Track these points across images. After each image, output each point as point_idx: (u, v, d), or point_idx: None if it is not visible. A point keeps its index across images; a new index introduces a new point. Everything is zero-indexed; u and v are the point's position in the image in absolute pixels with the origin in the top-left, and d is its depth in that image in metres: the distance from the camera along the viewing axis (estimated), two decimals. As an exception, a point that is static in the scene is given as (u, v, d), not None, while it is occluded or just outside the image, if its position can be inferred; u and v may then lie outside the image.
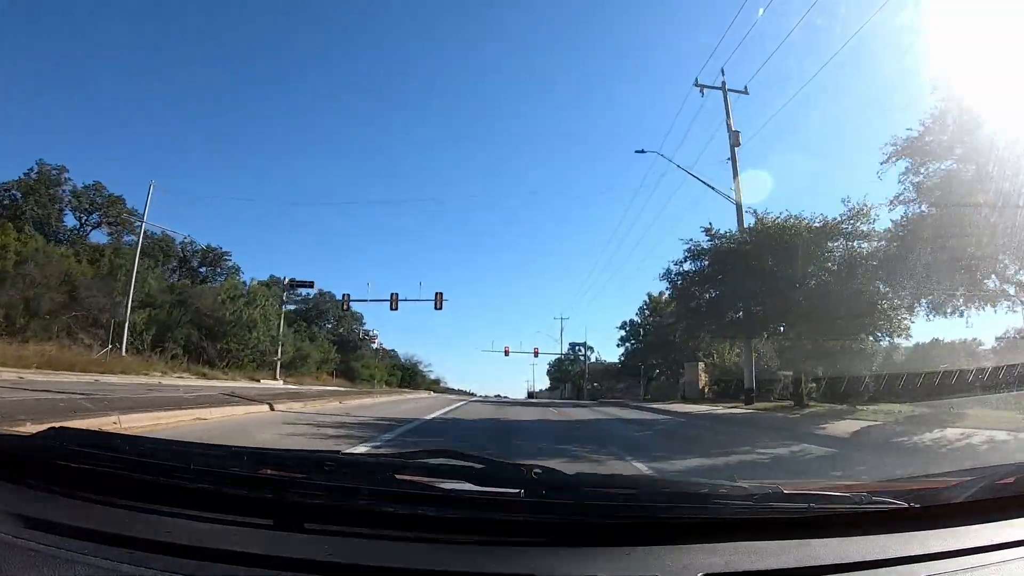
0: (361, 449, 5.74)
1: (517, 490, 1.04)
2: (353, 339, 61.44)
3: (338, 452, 1.28)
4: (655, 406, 20.76)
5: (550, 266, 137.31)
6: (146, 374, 24.18)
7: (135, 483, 1.05)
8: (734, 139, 20.31)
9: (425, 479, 1.08)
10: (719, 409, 16.50)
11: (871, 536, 1.05)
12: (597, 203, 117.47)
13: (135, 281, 25.63)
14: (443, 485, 1.05)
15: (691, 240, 15.59)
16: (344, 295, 38.77)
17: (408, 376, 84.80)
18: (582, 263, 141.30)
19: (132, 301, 25.93)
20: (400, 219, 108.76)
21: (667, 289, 16.71)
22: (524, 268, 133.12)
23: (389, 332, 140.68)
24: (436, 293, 33.94)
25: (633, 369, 50.78)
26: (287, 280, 37.84)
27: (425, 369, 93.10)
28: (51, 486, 1.07)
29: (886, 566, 0.96)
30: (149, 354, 27.13)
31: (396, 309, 34.72)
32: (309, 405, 12.10)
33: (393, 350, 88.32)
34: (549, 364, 78.08)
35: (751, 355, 17.35)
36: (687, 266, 15.81)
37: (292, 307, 64.14)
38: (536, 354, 60.20)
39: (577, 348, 67.55)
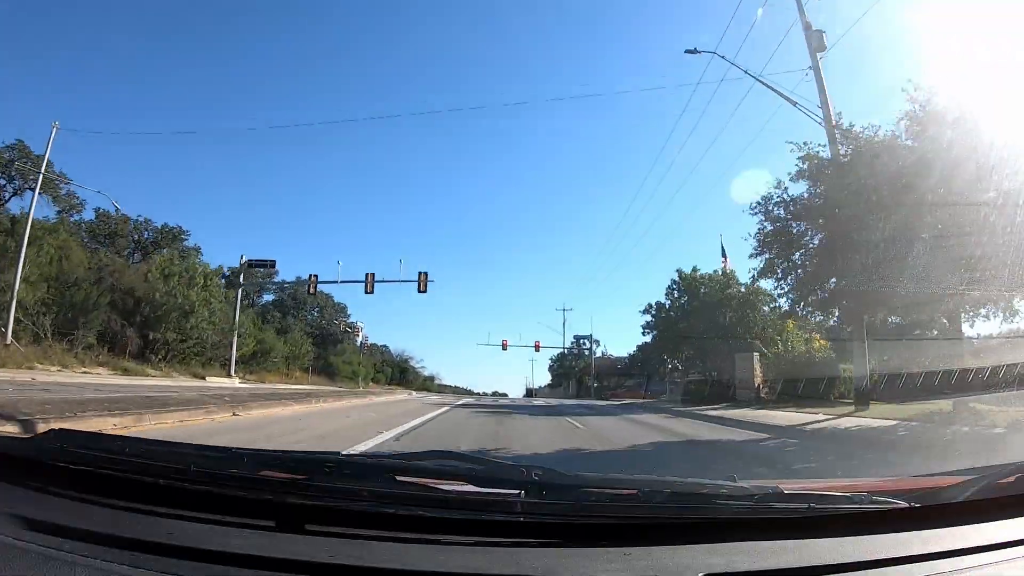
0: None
1: (517, 491, 1.09)
2: (334, 332, 55.25)
3: (338, 453, 1.37)
4: (712, 412, 16.86)
5: (553, 252, 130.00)
6: (30, 368, 18.05)
7: (136, 485, 1.11)
8: (816, 41, 14.09)
9: (425, 480, 1.13)
10: (828, 418, 12.42)
11: (871, 536, 1.09)
12: (608, 180, 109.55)
13: (26, 253, 19.19)
14: (443, 487, 1.11)
15: (806, 145, 9.30)
16: (311, 275, 33.12)
17: (398, 373, 79.30)
18: (589, 248, 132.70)
19: (36, 280, 19.41)
20: (386, 200, 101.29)
21: (755, 234, 10.44)
22: (524, 254, 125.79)
23: (382, 328, 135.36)
24: (420, 273, 29.16)
25: (652, 363, 44.71)
26: (244, 260, 31.55)
27: (418, 366, 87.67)
28: (52, 488, 1.13)
29: (887, 566, 1.01)
30: (50, 343, 20.55)
31: (371, 292, 29.83)
32: (151, 421, 7.85)
33: (385, 346, 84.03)
34: (551, 359, 72.76)
35: (864, 335, 11.28)
36: (797, 189, 9.53)
37: (271, 297, 57.93)
38: (537, 348, 55.70)
39: (582, 341, 62.05)
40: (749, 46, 24.64)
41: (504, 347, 59.22)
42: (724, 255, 43.08)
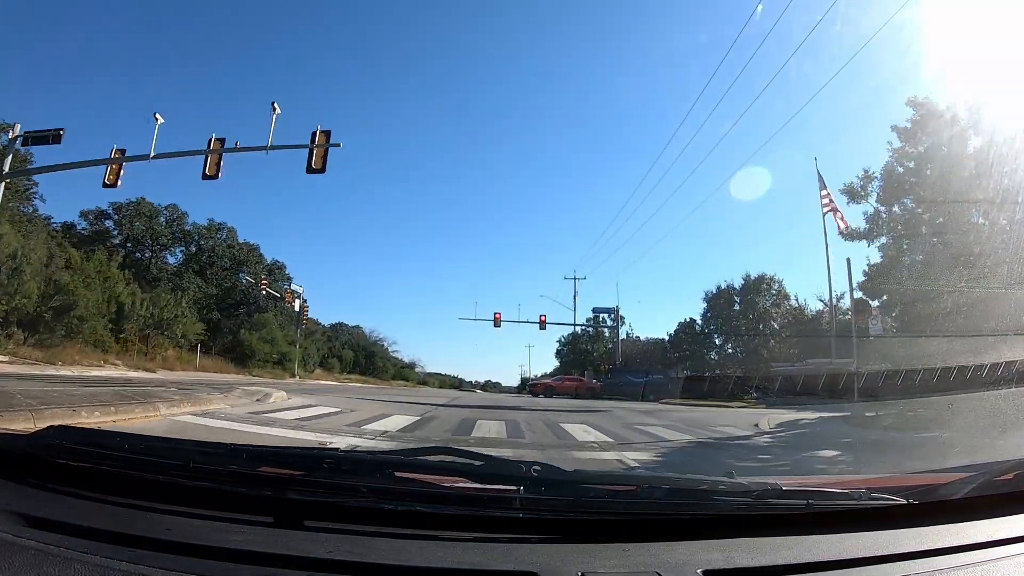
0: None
1: (516, 487, 1.09)
2: (253, 297, 38.62)
3: (337, 449, 1.40)
4: None
5: (563, 211, 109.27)
6: None
7: (135, 481, 1.11)
8: None
9: (425, 476, 1.13)
10: None
11: (869, 532, 1.10)
12: (629, 130, 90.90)
13: None
14: (443, 483, 1.11)
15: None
16: (114, 150, 16.17)
17: (363, 359, 62.33)
18: (608, 207, 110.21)
19: None
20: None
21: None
22: (528, 213, 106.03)
23: (354, 309, 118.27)
24: (314, 133, 11.84)
25: (702, 344, 29.25)
26: (16, 134, 15.28)
27: (391, 349, 70.33)
28: (51, 485, 1.13)
29: (884, 562, 1.01)
30: None
31: (215, 176, 13.15)
32: None
33: (357, 326, 67.13)
34: (559, 342, 56.48)
35: None
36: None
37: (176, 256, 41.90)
38: (543, 324, 39.67)
39: (602, 316, 45.64)
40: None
41: (497, 322, 43.17)
42: (823, 184, 29.36)
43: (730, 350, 42.70)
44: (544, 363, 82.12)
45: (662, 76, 76.01)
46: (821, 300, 39.26)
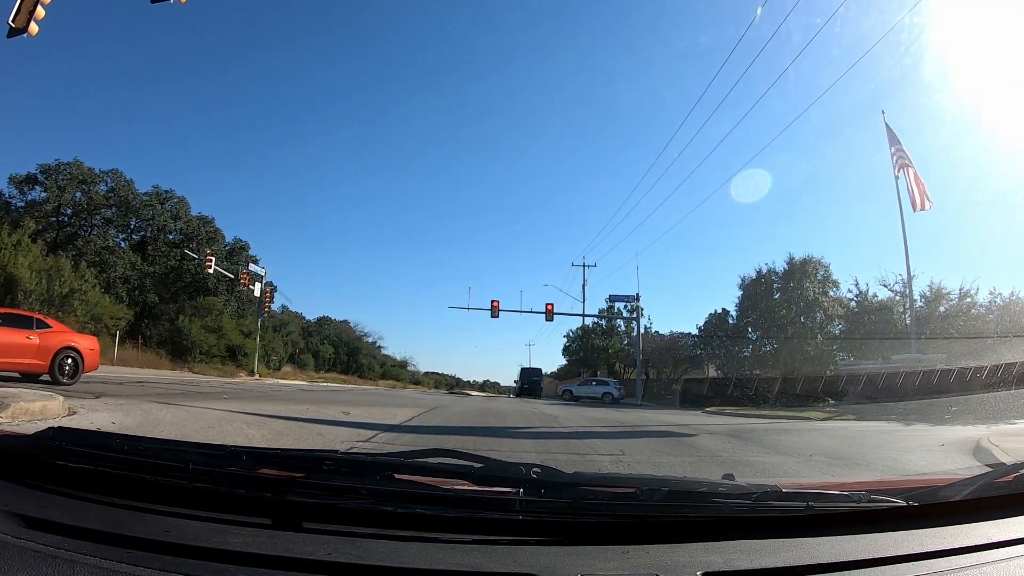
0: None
1: (516, 489, 1.10)
2: (202, 278, 32.54)
3: (336, 451, 1.39)
4: None
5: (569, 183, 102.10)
6: None
7: (134, 483, 1.12)
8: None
9: (424, 479, 1.14)
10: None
11: (869, 534, 1.10)
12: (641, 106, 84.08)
13: None
14: (442, 485, 1.11)
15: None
16: None
17: (347, 355, 56.31)
18: (627, 173, 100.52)
19: None
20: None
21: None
22: (530, 188, 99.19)
23: (342, 303, 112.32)
24: None
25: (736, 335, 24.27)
26: None
27: (379, 345, 64.53)
28: (50, 486, 1.14)
29: (884, 564, 1.01)
30: None
31: (25, 28, 7.98)
32: None
33: (345, 321, 62.49)
34: (566, 337, 50.17)
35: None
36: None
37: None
38: (549, 313, 33.33)
39: (618, 307, 39.56)
40: None
41: (495, 312, 37.33)
42: (893, 140, 25.50)
43: (768, 346, 36.47)
44: (549, 364, 76.85)
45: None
46: (885, 285, 32.74)
